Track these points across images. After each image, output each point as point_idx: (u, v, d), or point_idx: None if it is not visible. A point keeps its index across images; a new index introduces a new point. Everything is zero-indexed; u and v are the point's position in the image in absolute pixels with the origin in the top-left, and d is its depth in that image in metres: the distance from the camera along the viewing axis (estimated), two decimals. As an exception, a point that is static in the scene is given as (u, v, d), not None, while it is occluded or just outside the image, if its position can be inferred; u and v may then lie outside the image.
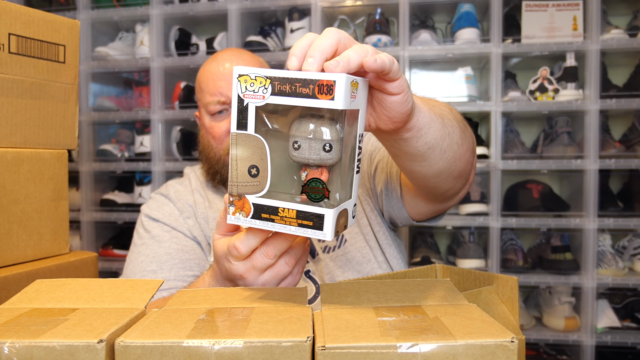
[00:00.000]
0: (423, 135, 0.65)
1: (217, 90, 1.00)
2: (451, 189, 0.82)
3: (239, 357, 0.41)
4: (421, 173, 0.74)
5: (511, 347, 0.40)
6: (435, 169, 0.73)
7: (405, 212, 0.96)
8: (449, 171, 0.75)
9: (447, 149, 0.70)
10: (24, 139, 1.04)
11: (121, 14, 2.05)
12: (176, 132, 2.08)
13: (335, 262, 0.96)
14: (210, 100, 1.00)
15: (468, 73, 1.94)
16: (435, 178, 0.76)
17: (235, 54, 1.05)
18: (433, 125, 0.65)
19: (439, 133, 0.67)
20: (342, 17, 2.03)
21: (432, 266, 0.70)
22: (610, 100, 1.77)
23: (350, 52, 0.51)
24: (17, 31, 1.00)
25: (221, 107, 1.00)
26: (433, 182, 0.78)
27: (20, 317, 0.48)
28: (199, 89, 1.05)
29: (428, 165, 0.71)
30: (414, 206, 0.94)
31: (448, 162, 0.72)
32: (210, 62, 1.04)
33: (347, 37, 0.54)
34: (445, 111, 0.72)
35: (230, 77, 1.00)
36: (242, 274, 0.61)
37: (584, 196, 1.80)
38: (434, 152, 0.69)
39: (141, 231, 1.00)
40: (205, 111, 1.03)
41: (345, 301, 0.53)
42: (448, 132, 0.69)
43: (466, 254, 1.90)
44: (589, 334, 1.79)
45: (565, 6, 1.85)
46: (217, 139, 1.01)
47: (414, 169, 0.74)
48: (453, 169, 0.75)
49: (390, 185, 0.95)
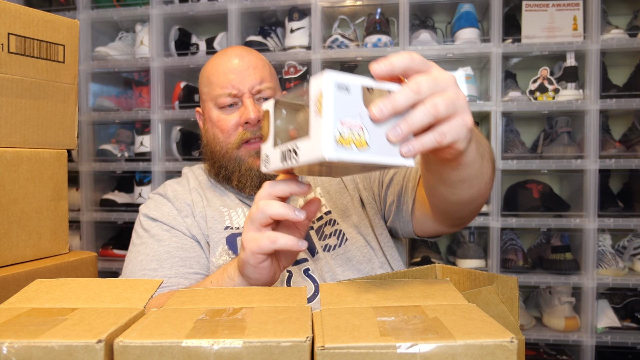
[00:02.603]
0: (460, 170, 0.67)
1: (228, 83, 0.99)
2: (464, 217, 0.86)
3: (238, 357, 0.41)
4: (444, 197, 0.78)
5: (511, 347, 0.40)
6: (458, 198, 0.76)
7: (411, 226, 0.98)
8: (469, 203, 0.79)
9: (475, 185, 0.73)
10: (23, 138, 1.04)
11: (121, 14, 2.05)
12: (176, 132, 2.08)
13: (335, 261, 0.96)
14: (221, 93, 1.00)
15: (468, 73, 1.94)
16: (455, 205, 0.80)
17: (244, 50, 1.05)
18: (473, 164, 0.68)
19: (474, 172, 0.70)
20: (342, 17, 2.03)
21: (432, 266, 0.70)
22: (610, 100, 1.77)
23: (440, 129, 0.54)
24: (17, 31, 1.00)
25: (231, 100, 1.00)
26: (451, 207, 0.82)
27: (19, 317, 0.48)
28: (207, 83, 1.04)
29: (453, 193, 0.75)
30: (421, 223, 0.96)
31: (472, 196, 0.76)
32: (220, 57, 1.04)
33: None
34: (486, 151, 0.75)
35: (241, 72, 1.00)
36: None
37: (584, 196, 1.80)
38: (463, 185, 0.72)
39: (140, 231, 1.00)
40: (213, 104, 1.02)
41: (344, 301, 0.53)
42: (482, 171, 0.72)
43: (466, 254, 1.90)
44: (589, 334, 1.78)
45: (565, 6, 1.85)
46: (225, 132, 1.00)
47: (438, 191, 0.77)
48: (474, 202, 0.79)
49: (404, 198, 0.96)
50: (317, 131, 0.51)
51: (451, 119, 0.54)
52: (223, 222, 0.99)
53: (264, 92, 1.01)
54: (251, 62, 1.02)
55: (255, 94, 1.00)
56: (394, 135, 0.53)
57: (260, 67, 1.02)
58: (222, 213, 1.01)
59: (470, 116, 0.57)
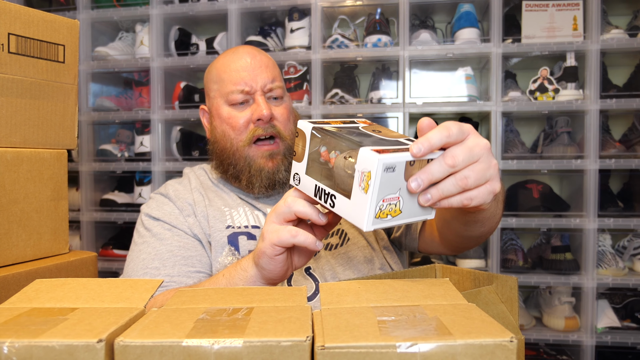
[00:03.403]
0: (477, 215, 0.73)
1: (241, 80, 1.00)
2: (469, 247, 0.93)
3: (238, 356, 0.41)
4: (457, 232, 0.84)
5: (510, 347, 0.40)
6: (470, 234, 0.83)
7: (417, 244, 1.03)
8: (479, 238, 0.85)
9: (486, 224, 0.78)
10: (23, 138, 1.04)
11: (121, 14, 2.05)
12: (176, 132, 2.08)
13: (337, 260, 0.97)
14: (232, 89, 1.00)
15: (468, 73, 1.94)
16: (466, 239, 0.87)
17: (255, 50, 1.06)
18: (489, 210, 0.72)
19: (490, 215, 0.75)
20: (342, 17, 2.03)
21: (431, 266, 0.70)
22: (610, 100, 1.77)
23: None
24: (17, 31, 1.00)
25: (243, 98, 1.00)
26: (461, 241, 0.88)
27: (20, 316, 0.48)
28: (217, 79, 1.04)
29: (466, 230, 0.81)
30: (427, 244, 1.02)
31: (482, 233, 0.82)
32: (231, 54, 1.04)
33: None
34: (500, 194, 0.78)
35: (254, 70, 1.00)
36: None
37: (584, 196, 1.80)
38: (476, 225, 0.78)
39: (142, 230, 1.00)
40: (223, 101, 1.02)
41: (344, 300, 0.53)
42: (495, 213, 0.77)
43: (466, 254, 1.90)
44: (589, 334, 1.78)
45: (565, 6, 1.85)
46: (236, 129, 1.00)
47: (452, 227, 0.84)
48: (483, 237, 0.85)
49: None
50: (359, 203, 0.57)
51: (480, 187, 0.60)
52: (225, 222, 1.00)
53: (274, 90, 1.02)
54: (263, 61, 1.03)
55: (267, 92, 1.01)
56: (425, 200, 0.59)
57: (271, 67, 1.03)
58: (224, 212, 1.01)
59: (499, 183, 0.62)
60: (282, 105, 1.03)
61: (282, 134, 1.00)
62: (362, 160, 0.56)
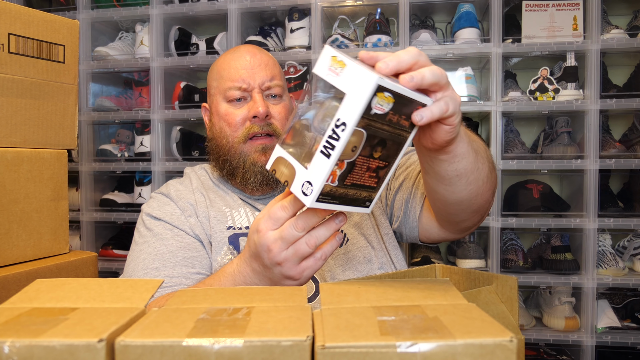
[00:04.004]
0: (456, 162, 0.71)
1: (239, 77, 1.00)
2: (466, 221, 0.89)
3: (238, 356, 0.41)
4: (444, 196, 0.81)
5: (510, 347, 0.40)
6: (457, 197, 0.79)
7: (417, 232, 1.01)
8: (469, 203, 0.81)
9: (472, 181, 0.76)
10: (23, 138, 1.04)
11: (121, 14, 2.05)
12: (176, 132, 2.08)
13: (336, 261, 0.97)
14: (230, 86, 1.01)
15: (468, 73, 1.94)
16: (455, 205, 0.83)
17: (256, 49, 1.06)
18: (467, 156, 0.72)
19: (470, 165, 0.73)
20: (342, 17, 2.03)
21: (432, 266, 0.70)
22: (611, 100, 1.77)
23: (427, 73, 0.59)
24: (17, 31, 1.00)
25: (240, 94, 1.01)
26: (452, 209, 0.85)
27: (21, 316, 0.48)
28: (217, 77, 1.04)
29: (452, 191, 0.78)
30: (427, 229, 0.99)
31: (470, 194, 0.79)
32: (232, 53, 1.05)
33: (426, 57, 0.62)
34: (481, 149, 0.78)
35: (252, 68, 1.01)
36: (269, 245, 0.64)
37: (584, 196, 1.80)
38: (460, 181, 0.75)
39: (142, 230, 1.00)
40: (222, 97, 1.02)
41: (344, 300, 0.53)
42: (478, 167, 0.75)
43: (466, 254, 1.90)
44: (589, 334, 1.79)
45: (565, 6, 1.85)
46: (232, 126, 1.01)
47: (438, 190, 0.80)
48: (473, 202, 0.82)
49: (411, 204, 0.99)
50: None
51: (447, 89, 0.61)
52: (226, 222, 1.00)
53: (273, 89, 1.02)
54: (263, 59, 1.03)
55: (264, 90, 1.02)
56: (409, 79, 0.58)
57: (271, 66, 1.04)
58: (225, 213, 1.01)
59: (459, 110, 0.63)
60: (280, 104, 1.03)
61: (278, 132, 1.00)
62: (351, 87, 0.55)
